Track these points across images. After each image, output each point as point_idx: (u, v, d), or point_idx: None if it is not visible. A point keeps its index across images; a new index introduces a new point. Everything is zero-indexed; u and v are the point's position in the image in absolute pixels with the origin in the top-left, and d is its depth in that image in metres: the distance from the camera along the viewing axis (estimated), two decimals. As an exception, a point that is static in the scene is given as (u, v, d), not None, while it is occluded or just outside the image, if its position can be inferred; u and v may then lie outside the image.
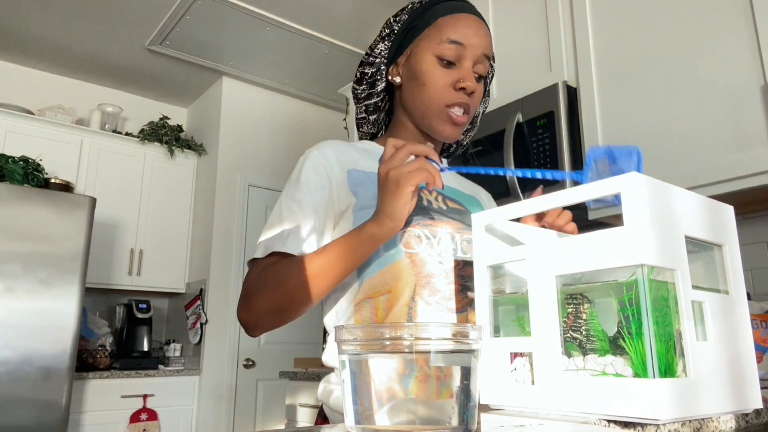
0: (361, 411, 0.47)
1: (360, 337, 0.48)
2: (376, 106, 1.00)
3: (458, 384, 0.47)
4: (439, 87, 0.89)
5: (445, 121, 0.90)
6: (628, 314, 0.50)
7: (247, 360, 3.50)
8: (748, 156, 1.37)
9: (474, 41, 0.90)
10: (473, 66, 0.90)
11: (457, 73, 0.89)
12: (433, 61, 0.90)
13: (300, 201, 0.86)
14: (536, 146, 1.83)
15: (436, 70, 0.90)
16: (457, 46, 0.89)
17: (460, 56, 0.89)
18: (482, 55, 0.91)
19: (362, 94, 1.00)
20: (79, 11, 3.02)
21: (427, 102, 0.91)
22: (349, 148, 0.95)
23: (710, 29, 1.49)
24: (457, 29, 0.90)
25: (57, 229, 2.75)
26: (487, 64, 0.92)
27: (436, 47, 0.90)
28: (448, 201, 0.93)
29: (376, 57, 0.97)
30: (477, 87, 0.91)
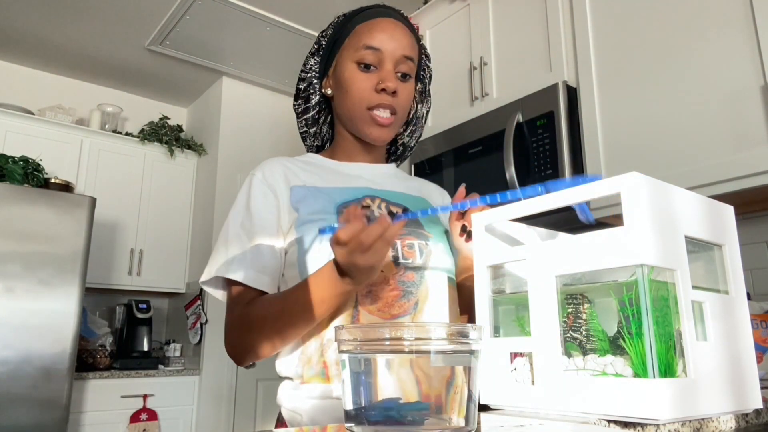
0: (360, 411, 0.47)
1: (360, 337, 0.48)
2: (313, 120, 1.03)
3: (458, 384, 0.47)
4: (360, 91, 0.91)
5: (370, 123, 0.92)
6: (628, 314, 0.50)
7: (247, 360, 3.50)
8: (748, 156, 1.37)
9: (391, 44, 0.92)
10: (395, 68, 0.92)
11: (377, 75, 0.91)
12: (354, 67, 0.93)
13: (248, 228, 0.89)
14: (536, 146, 1.83)
15: (356, 76, 0.92)
16: (373, 51, 0.91)
17: (380, 60, 0.92)
18: (401, 56, 0.92)
19: (299, 109, 1.03)
20: (79, 11, 3.02)
21: (351, 107, 0.93)
22: (293, 164, 0.97)
23: (710, 29, 1.49)
24: (373, 35, 0.92)
25: (57, 229, 2.75)
26: (410, 63, 0.94)
27: (354, 54, 0.93)
28: (392, 207, 0.94)
29: (307, 72, 1.01)
30: (401, 86, 0.92)
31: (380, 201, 0.93)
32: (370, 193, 0.93)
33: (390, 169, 1.04)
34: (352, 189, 0.93)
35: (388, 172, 1.03)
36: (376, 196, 0.93)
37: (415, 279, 0.87)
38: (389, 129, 0.94)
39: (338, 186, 0.93)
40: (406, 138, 1.07)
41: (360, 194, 0.92)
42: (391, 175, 1.02)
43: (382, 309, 0.84)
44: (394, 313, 0.85)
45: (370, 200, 0.92)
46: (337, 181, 0.94)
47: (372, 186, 0.95)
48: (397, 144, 1.08)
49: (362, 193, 0.93)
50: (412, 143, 1.09)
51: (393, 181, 1.00)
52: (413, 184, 1.06)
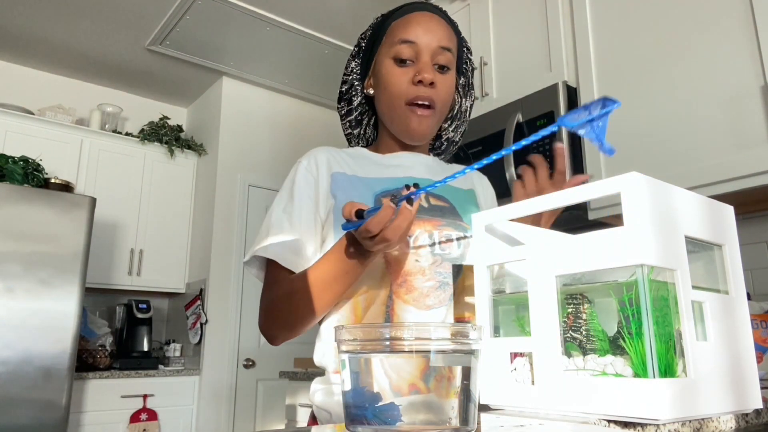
0: (360, 411, 0.47)
1: (360, 337, 0.48)
2: (357, 121, 1.03)
3: (458, 384, 0.47)
4: (397, 85, 0.91)
5: (409, 117, 0.91)
6: (628, 314, 0.50)
7: (247, 360, 3.50)
8: (748, 156, 1.37)
9: (426, 37, 0.91)
10: (432, 59, 0.91)
11: (414, 69, 0.91)
12: (390, 63, 0.92)
13: (290, 212, 0.90)
14: (536, 146, 1.83)
15: (393, 71, 0.92)
16: (409, 45, 0.91)
17: (416, 53, 0.91)
18: (438, 47, 0.91)
19: (342, 111, 1.04)
20: (79, 11, 3.02)
21: (390, 103, 0.93)
22: (338, 154, 0.97)
23: (710, 29, 1.49)
24: (408, 29, 0.92)
25: (57, 229, 2.75)
26: (448, 54, 0.93)
27: (390, 50, 0.92)
28: (431, 198, 0.94)
29: (349, 75, 1.02)
30: (439, 78, 0.91)
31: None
32: (409, 183, 0.92)
33: (431, 160, 1.03)
34: (393, 179, 0.93)
35: (429, 164, 1.01)
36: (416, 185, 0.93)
37: (451, 270, 0.87)
38: (428, 123, 0.92)
39: (378, 176, 0.93)
40: (450, 133, 1.05)
41: (399, 184, 0.91)
42: (431, 167, 1.01)
43: (417, 299, 0.84)
44: (429, 304, 0.84)
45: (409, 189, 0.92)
46: (378, 171, 0.94)
47: (414, 175, 0.95)
48: (441, 139, 1.06)
49: (401, 183, 0.91)
50: (457, 138, 1.07)
51: (433, 172, 0.99)
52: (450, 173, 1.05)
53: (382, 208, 0.68)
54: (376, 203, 0.86)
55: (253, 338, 3.54)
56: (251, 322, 3.54)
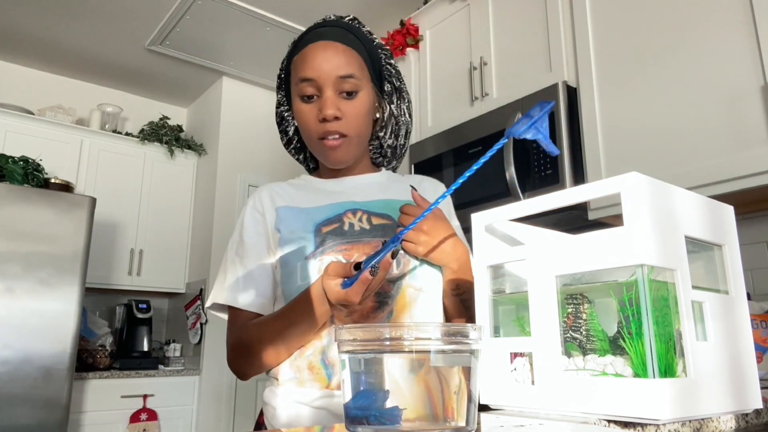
0: (360, 411, 0.47)
1: (360, 337, 0.48)
2: (296, 149, 1.06)
3: (458, 384, 0.47)
4: (306, 123, 0.93)
5: (324, 151, 0.94)
6: (628, 314, 0.50)
7: (247, 360, 3.50)
8: (748, 156, 1.37)
9: (323, 69, 0.90)
10: (336, 91, 0.91)
11: (317, 105, 0.92)
12: (298, 101, 0.94)
13: (241, 254, 0.94)
14: (536, 146, 1.83)
15: (301, 108, 0.93)
16: (309, 83, 0.91)
17: (318, 88, 0.91)
18: (337, 78, 0.91)
19: (283, 140, 1.06)
20: (79, 11, 3.02)
21: (307, 139, 0.96)
22: (282, 188, 1.01)
23: (710, 29, 1.49)
24: (305, 66, 0.92)
25: (57, 229, 2.75)
26: (351, 81, 0.92)
27: (296, 88, 0.94)
28: (374, 217, 0.93)
29: (278, 107, 1.04)
30: (344, 107, 0.91)
31: (362, 213, 0.93)
32: (351, 207, 0.94)
33: (376, 177, 1.04)
34: (333, 205, 0.94)
35: (373, 181, 1.02)
36: (357, 209, 0.94)
37: (391, 290, 0.87)
38: (344, 151, 0.94)
39: (320, 204, 0.95)
40: (389, 140, 1.04)
41: (341, 209, 0.93)
42: (375, 184, 1.01)
43: (356, 321, 0.85)
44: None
45: (351, 214, 0.93)
46: (320, 200, 0.96)
47: (354, 199, 0.96)
48: (383, 148, 1.05)
49: (343, 208, 0.94)
50: (401, 142, 1.06)
51: (377, 190, 0.99)
52: (403, 186, 1.02)
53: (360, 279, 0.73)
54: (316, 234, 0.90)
55: (253, 338, 3.54)
56: (251, 322, 3.54)
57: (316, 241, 0.90)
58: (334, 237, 0.89)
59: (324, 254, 0.88)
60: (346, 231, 0.91)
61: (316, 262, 0.88)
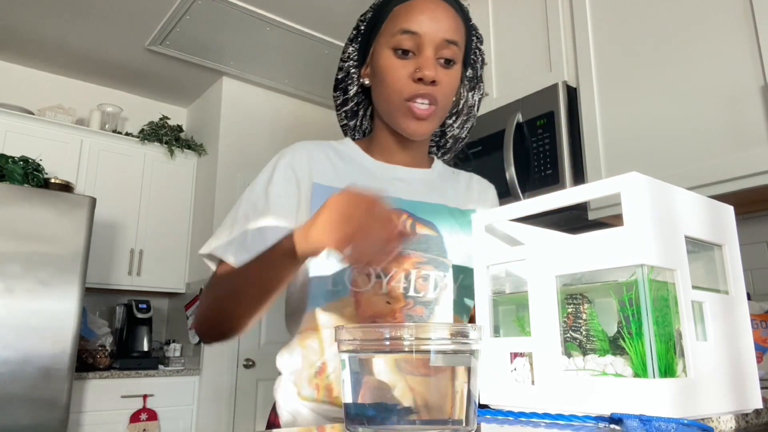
0: (360, 411, 0.47)
1: (360, 337, 0.48)
2: (353, 112, 0.96)
3: (458, 384, 0.47)
4: (396, 80, 0.83)
5: (407, 115, 0.83)
6: (628, 314, 0.50)
7: (247, 360, 3.50)
8: (748, 156, 1.37)
9: (431, 28, 0.82)
10: (436, 53, 0.83)
11: (414, 62, 0.83)
12: (389, 54, 0.84)
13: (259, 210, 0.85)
14: (536, 146, 1.83)
15: (392, 63, 0.83)
16: (411, 36, 0.82)
17: (418, 45, 0.82)
18: (443, 40, 0.83)
19: (338, 100, 0.96)
20: (79, 11, 3.02)
21: (388, 98, 0.85)
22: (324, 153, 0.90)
23: (710, 29, 1.49)
24: (411, 17, 0.83)
25: (57, 229, 2.75)
26: (453, 48, 0.84)
27: (390, 40, 0.84)
28: (418, 224, 0.86)
29: (345, 61, 0.93)
30: (441, 74, 0.83)
31: (407, 217, 0.85)
32: (396, 205, 0.85)
33: (429, 174, 0.95)
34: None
35: (425, 178, 0.93)
36: (403, 210, 0.85)
37: (423, 314, 0.81)
38: (428, 122, 0.85)
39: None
40: (456, 130, 0.97)
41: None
42: (426, 182, 0.93)
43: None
44: None
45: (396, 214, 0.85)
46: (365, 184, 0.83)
47: (401, 195, 0.87)
48: (446, 136, 0.99)
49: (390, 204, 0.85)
50: (464, 134, 1.00)
51: (426, 190, 0.91)
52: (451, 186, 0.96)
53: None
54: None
55: (253, 338, 3.54)
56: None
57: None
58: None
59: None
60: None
61: (348, 271, 0.80)
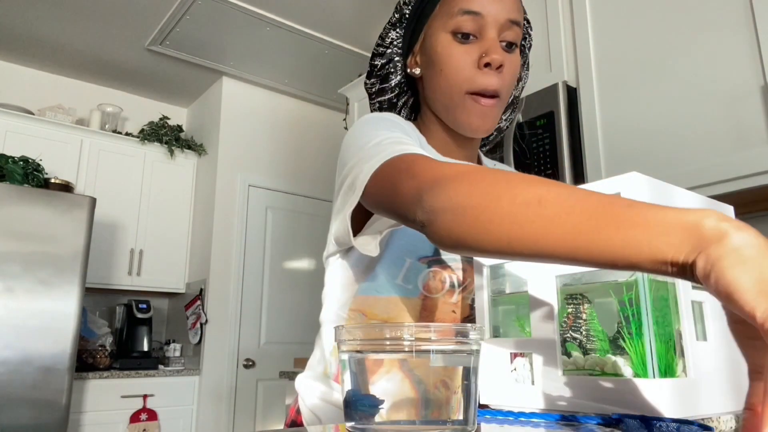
0: (360, 411, 0.47)
1: (360, 336, 0.48)
2: (391, 104, 0.86)
3: (458, 384, 0.47)
4: (458, 68, 0.74)
5: (471, 110, 0.75)
6: (628, 314, 0.50)
7: (247, 360, 3.50)
8: (748, 156, 1.37)
9: (494, 7, 0.74)
10: (499, 35, 0.75)
11: (478, 47, 0.74)
12: (448, 39, 0.75)
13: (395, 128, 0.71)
14: (536, 146, 1.83)
15: (453, 49, 0.74)
16: (473, 17, 0.73)
17: (480, 27, 0.74)
18: (507, 21, 0.74)
19: (373, 89, 0.87)
20: (79, 11, 3.02)
21: (447, 90, 0.75)
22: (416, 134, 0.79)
23: (710, 29, 1.49)
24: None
25: (57, 229, 2.75)
26: (517, 29, 0.76)
27: (448, 23, 0.75)
28: None
29: (387, 47, 0.84)
30: (507, 58, 0.75)
31: None
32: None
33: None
34: None
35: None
36: None
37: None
38: (494, 114, 0.76)
39: None
40: (503, 122, 0.90)
41: None
42: None
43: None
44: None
45: None
46: None
47: None
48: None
49: None
50: (506, 125, 0.93)
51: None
52: None
53: None
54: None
55: (253, 338, 3.54)
56: (251, 322, 3.55)
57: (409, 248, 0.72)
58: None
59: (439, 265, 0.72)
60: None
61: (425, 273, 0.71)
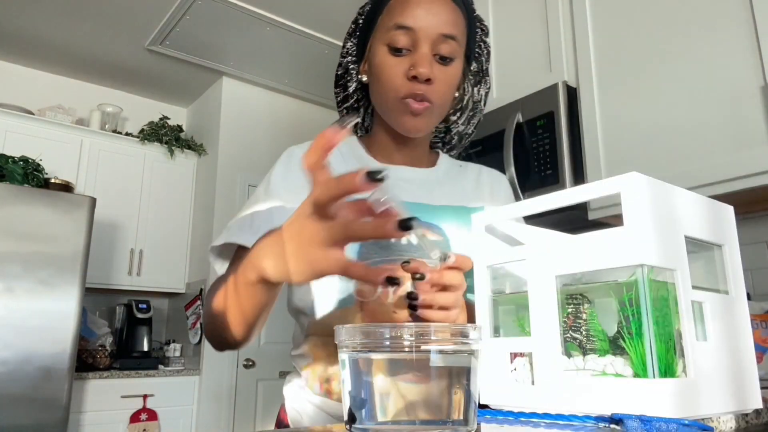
0: (360, 411, 0.47)
1: (360, 336, 0.48)
2: (353, 109, 0.94)
3: (458, 384, 0.47)
4: (391, 78, 0.80)
5: (403, 112, 0.80)
6: (628, 314, 0.50)
7: (247, 360, 3.50)
8: (748, 156, 1.37)
9: (426, 22, 0.78)
10: (432, 49, 0.79)
11: (409, 60, 0.79)
12: (385, 51, 0.81)
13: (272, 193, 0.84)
14: (536, 146, 1.83)
15: (387, 61, 0.80)
16: (406, 31, 0.79)
17: (414, 41, 0.79)
18: (439, 35, 0.79)
19: (338, 97, 0.94)
20: (79, 11, 3.02)
21: (384, 96, 0.82)
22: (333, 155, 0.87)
23: (710, 29, 1.49)
24: (406, 11, 0.79)
25: (57, 229, 2.75)
26: (452, 43, 0.80)
27: (385, 36, 0.81)
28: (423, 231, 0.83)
29: (344, 57, 0.91)
30: (438, 71, 0.80)
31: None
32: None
33: (433, 173, 0.92)
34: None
35: (430, 177, 0.90)
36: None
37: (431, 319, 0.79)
38: (424, 118, 0.81)
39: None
40: (461, 126, 0.94)
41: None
42: (432, 181, 0.90)
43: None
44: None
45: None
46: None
47: (406, 199, 0.85)
48: (451, 133, 0.96)
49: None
50: (470, 130, 0.97)
51: (432, 190, 0.88)
52: (459, 183, 0.92)
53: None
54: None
55: (253, 338, 3.54)
56: (251, 322, 3.55)
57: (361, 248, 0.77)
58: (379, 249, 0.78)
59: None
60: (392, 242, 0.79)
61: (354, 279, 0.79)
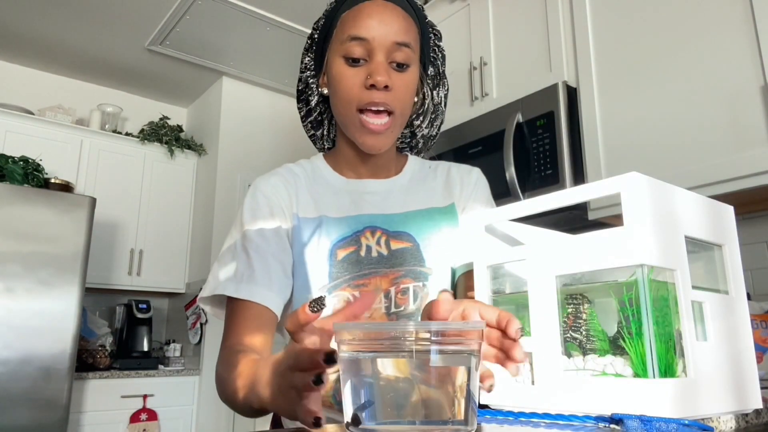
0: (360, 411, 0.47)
1: (359, 336, 0.48)
2: (317, 122, 0.95)
3: (458, 384, 0.47)
4: (348, 89, 0.81)
5: (360, 129, 0.81)
6: (628, 314, 0.50)
7: (247, 360, 3.50)
8: (748, 156, 1.37)
9: (379, 31, 0.79)
10: (387, 58, 0.80)
11: (365, 69, 0.80)
12: (341, 62, 0.82)
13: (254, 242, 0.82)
14: (536, 146, 1.83)
15: (343, 72, 0.81)
16: (360, 42, 0.80)
17: (369, 51, 0.80)
18: (393, 43, 0.80)
19: (302, 112, 0.95)
20: (79, 11, 3.02)
21: (342, 109, 0.83)
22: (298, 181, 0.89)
23: (710, 29, 1.49)
24: (358, 23, 0.80)
25: (57, 229, 2.75)
26: (406, 50, 0.81)
27: (340, 48, 0.82)
28: (392, 240, 0.85)
29: (303, 71, 0.92)
30: (395, 78, 0.80)
31: (381, 233, 0.84)
32: (369, 224, 0.85)
33: (400, 180, 0.93)
34: (351, 219, 0.85)
35: (397, 186, 0.92)
36: (377, 227, 0.85)
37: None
38: (385, 136, 0.82)
39: (337, 215, 0.85)
40: (425, 129, 0.95)
41: (359, 225, 0.84)
42: (400, 189, 0.91)
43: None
44: None
45: (370, 233, 0.84)
46: (337, 205, 0.86)
47: (373, 211, 0.87)
48: (416, 137, 0.97)
49: (361, 224, 0.84)
50: (434, 132, 0.98)
51: (401, 198, 0.89)
52: (429, 185, 0.94)
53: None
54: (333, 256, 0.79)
55: (253, 338, 3.54)
56: (251, 322, 3.54)
57: (332, 270, 0.80)
58: (350, 266, 0.80)
59: (338, 289, 0.79)
60: (363, 257, 0.81)
61: (330, 299, 0.78)
